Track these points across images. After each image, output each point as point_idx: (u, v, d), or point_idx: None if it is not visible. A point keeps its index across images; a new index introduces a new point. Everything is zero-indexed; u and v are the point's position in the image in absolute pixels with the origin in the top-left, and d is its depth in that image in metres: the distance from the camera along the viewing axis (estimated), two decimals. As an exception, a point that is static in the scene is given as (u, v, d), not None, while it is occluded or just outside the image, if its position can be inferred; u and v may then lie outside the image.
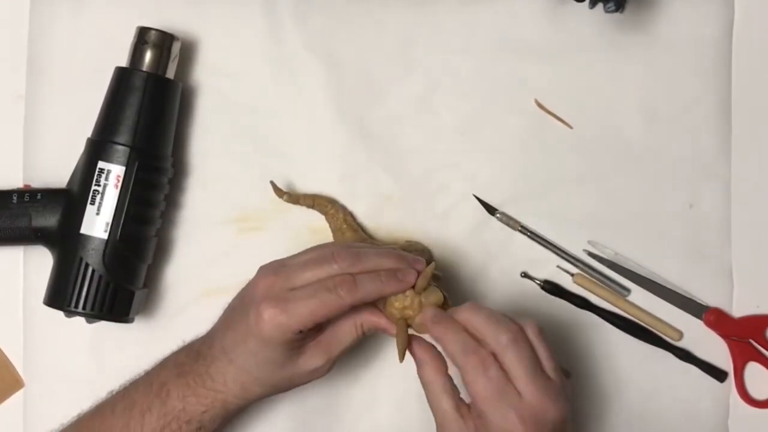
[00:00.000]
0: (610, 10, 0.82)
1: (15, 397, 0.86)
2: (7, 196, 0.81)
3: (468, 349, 0.70)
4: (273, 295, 0.72)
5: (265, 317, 0.71)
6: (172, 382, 0.76)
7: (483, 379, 0.69)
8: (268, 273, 0.74)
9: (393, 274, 0.74)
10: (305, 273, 0.73)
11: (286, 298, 0.72)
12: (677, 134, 0.89)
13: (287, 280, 0.73)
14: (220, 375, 0.75)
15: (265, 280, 0.74)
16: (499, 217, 0.87)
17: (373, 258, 0.75)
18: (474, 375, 0.70)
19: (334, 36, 0.88)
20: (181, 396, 0.75)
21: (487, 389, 0.69)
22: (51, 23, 0.87)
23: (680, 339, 0.88)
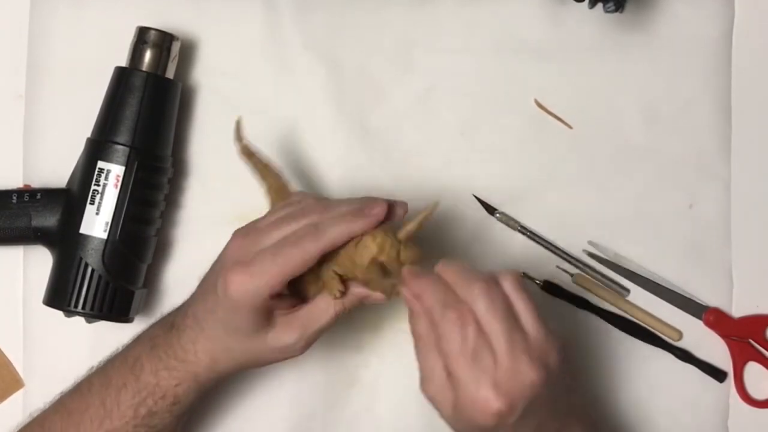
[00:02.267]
0: (610, 10, 0.82)
1: (15, 397, 0.86)
2: (7, 196, 0.81)
3: (447, 303, 0.65)
4: (240, 258, 0.70)
5: (231, 283, 0.69)
6: (145, 356, 0.75)
7: (458, 338, 0.64)
8: (238, 237, 0.72)
9: (359, 210, 0.70)
10: (274, 232, 0.70)
11: (252, 260, 0.69)
12: (677, 134, 0.89)
13: (255, 242, 0.70)
14: (191, 345, 0.73)
15: (234, 243, 0.72)
16: (499, 216, 0.87)
17: (343, 204, 0.71)
18: (450, 332, 0.64)
19: (334, 36, 0.88)
20: (154, 370, 0.74)
21: (462, 349, 0.64)
22: (51, 23, 0.87)
23: (680, 339, 0.88)
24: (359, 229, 0.69)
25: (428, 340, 0.66)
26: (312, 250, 0.68)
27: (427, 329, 0.67)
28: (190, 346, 0.74)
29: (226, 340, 0.73)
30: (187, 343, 0.74)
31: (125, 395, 0.74)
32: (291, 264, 0.68)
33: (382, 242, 0.69)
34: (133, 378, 0.75)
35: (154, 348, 0.75)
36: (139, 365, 0.75)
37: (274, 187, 0.79)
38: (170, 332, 0.75)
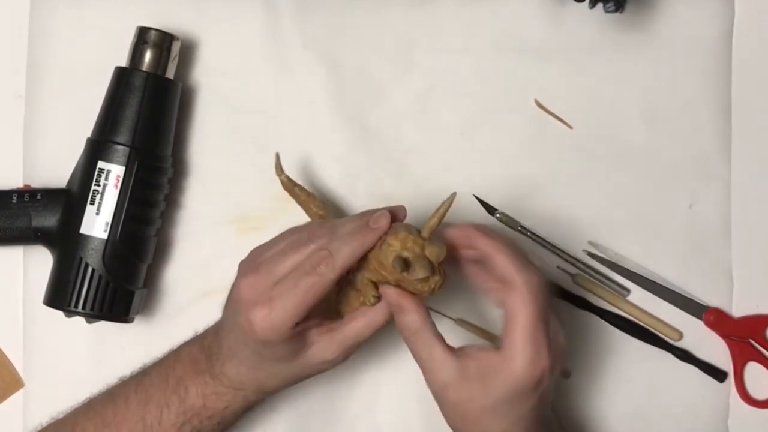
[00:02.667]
0: (610, 10, 0.82)
1: (15, 397, 0.86)
2: (7, 196, 0.81)
3: (528, 267, 0.70)
4: (258, 296, 0.70)
5: (255, 322, 0.70)
6: (189, 379, 0.75)
7: (536, 303, 0.69)
8: (249, 272, 0.72)
9: (364, 225, 0.71)
10: (285, 262, 0.71)
11: (271, 296, 0.70)
12: (677, 134, 0.89)
13: (269, 275, 0.71)
14: (235, 374, 0.75)
15: (246, 280, 0.72)
16: (499, 217, 0.87)
17: (347, 224, 0.72)
18: (530, 296, 0.69)
19: (334, 36, 0.88)
20: (200, 393, 0.75)
21: (536, 315, 0.68)
22: (51, 23, 0.87)
23: (680, 339, 0.88)
24: (369, 242, 0.71)
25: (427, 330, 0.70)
26: (329, 275, 0.69)
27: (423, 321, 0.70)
28: (235, 376, 0.75)
29: (268, 367, 0.74)
30: (231, 373, 0.75)
31: (167, 414, 0.75)
32: (311, 294, 0.69)
33: (405, 239, 0.70)
34: (177, 399, 0.75)
35: (198, 373, 0.76)
36: (183, 387, 0.75)
37: (318, 216, 0.80)
38: (210, 359, 0.76)
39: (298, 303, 0.69)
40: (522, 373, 0.68)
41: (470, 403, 0.70)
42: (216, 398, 0.75)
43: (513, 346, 0.68)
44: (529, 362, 0.68)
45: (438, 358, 0.70)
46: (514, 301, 0.69)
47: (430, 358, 0.71)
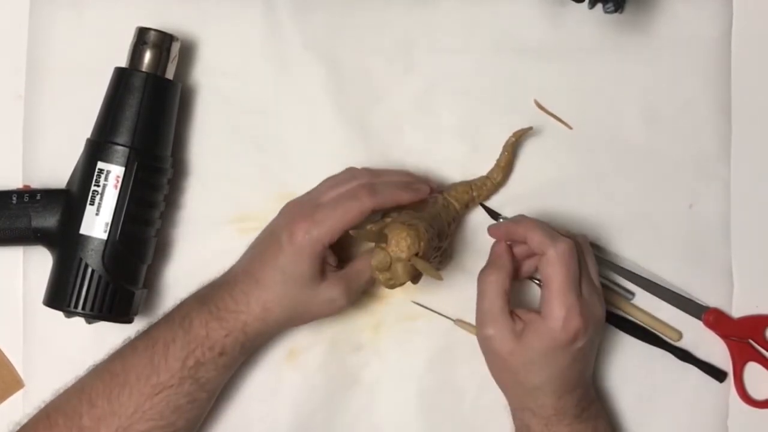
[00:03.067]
0: (610, 11, 0.82)
1: (15, 398, 0.86)
2: (7, 197, 0.81)
3: (556, 237, 0.77)
4: (301, 213, 0.78)
5: (298, 230, 0.77)
6: (194, 312, 0.79)
7: (565, 268, 0.76)
8: (294, 201, 0.82)
9: (408, 183, 0.82)
10: (330, 192, 0.80)
11: (314, 212, 0.78)
12: (677, 134, 0.89)
13: (313, 200, 0.80)
14: (243, 296, 0.79)
15: (293, 205, 0.82)
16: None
17: (390, 173, 0.83)
18: (559, 262, 0.76)
19: (334, 36, 0.88)
20: (204, 322, 0.78)
21: (566, 279, 0.76)
22: (51, 23, 0.87)
23: (680, 339, 0.88)
24: (406, 199, 0.80)
25: (502, 285, 0.79)
26: (368, 203, 0.78)
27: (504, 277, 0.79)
28: (241, 297, 0.79)
29: (283, 288, 0.78)
30: (239, 295, 0.79)
31: (173, 349, 0.78)
32: (350, 215, 0.77)
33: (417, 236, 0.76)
34: (182, 332, 0.78)
35: (203, 304, 0.79)
36: (188, 321, 0.79)
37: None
38: (220, 288, 0.80)
39: (336, 222, 0.77)
40: (556, 330, 0.75)
41: (511, 356, 0.77)
42: (218, 325, 0.78)
43: (548, 307, 0.76)
44: (562, 321, 0.75)
45: (498, 309, 0.78)
46: (546, 268, 0.76)
47: (492, 307, 0.78)
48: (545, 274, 0.77)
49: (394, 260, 0.75)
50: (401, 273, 0.76)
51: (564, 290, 0.76)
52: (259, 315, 0.78)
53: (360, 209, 0.77)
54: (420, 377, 0.86)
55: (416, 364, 0.87)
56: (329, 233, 0.77)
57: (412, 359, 0.87)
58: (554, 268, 0.76)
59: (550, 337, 0.76)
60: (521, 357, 0.77)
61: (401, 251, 0.75)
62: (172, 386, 0.77)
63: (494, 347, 0.78)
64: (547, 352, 0.76)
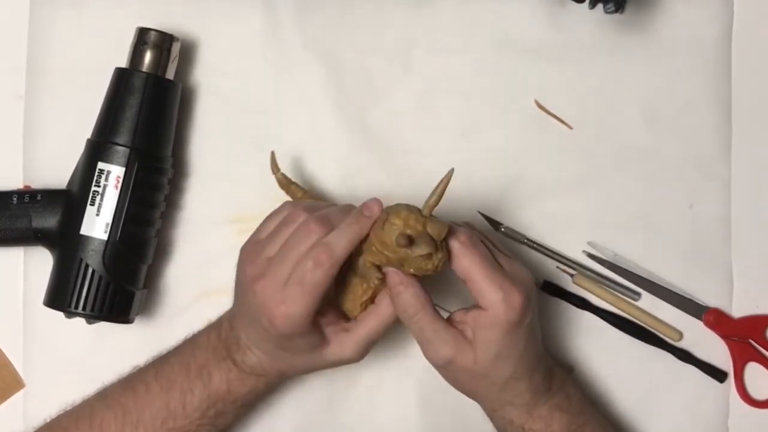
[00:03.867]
0: (610, 11, 0.82)
1: (15, 398, 0.86)
2: (7, 197, 0.81)
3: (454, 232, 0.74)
4: (272, 298, 0.73)
5: (276, 321, 0.72)
6: (213, 366, 0.77)
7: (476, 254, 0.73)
8: (257, 275, 0.74)
9: (358, 214, 0.74)
10: (287, 260, 0.73)
11: (284, 297, 0.72)
12: (677, 134, 0.89)
13: (276, 277, 0.73)
14: (257, 363, 0.77)
15: (256, 285, 0.74)
16: (504, 231, 0.87)
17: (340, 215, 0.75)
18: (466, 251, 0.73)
19: (334, 36, 0.88)
20: (224, 379, 0.77)
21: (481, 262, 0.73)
22: (51, 23, 0.87)
23: (680, 339, 0.88)
24: (365, 230, 0.73)
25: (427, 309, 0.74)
26: (331, 269, 0.72)
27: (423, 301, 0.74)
28: (257, 365, 0.77)
29: (289, 359, 0.76)
30: (253, 362, 0.77)
31: (191, 399, 0.77)
32: (318, 287, 0.72)
33: (407, 217, 0.72)
34: (201, 384, 0.77)
35: (221, 360, 0.78)
36: (207, 373, 0.77)
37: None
38: (230, 348, 0.78)
39: (308, 298, 0.72)
40: (502, 314, 0.72)
41: (475, 364, 0.74)
42: (240, 383, 0.77)
43: (483, 296, 0.73)
44: (503, 302, 0.72)
45: (440, 334, 0.74)
46: (460, 261, 0.73)
47: (433, 336, 0.74)
48: (462, 267, 0.73)
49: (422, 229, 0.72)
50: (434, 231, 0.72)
51: (488, 273, 0.73)
52: (279, 375, 0.78)
53: (325, 277, 0.72)
54: (420, 377, 0.86)
55: (416, 364, 0.86)
56: (308, 309, 0.72)
57: (411, 360, 0.87)
58: (467, 256, 0.73)
59: (500, 323, 0.73)
60: (485, 358, 0.74)
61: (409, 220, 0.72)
62: (189, 430, 0.78)
63: (456, 366, 0.75)
64: (505, 338, 0.73)
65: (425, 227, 0.72)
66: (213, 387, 0.77)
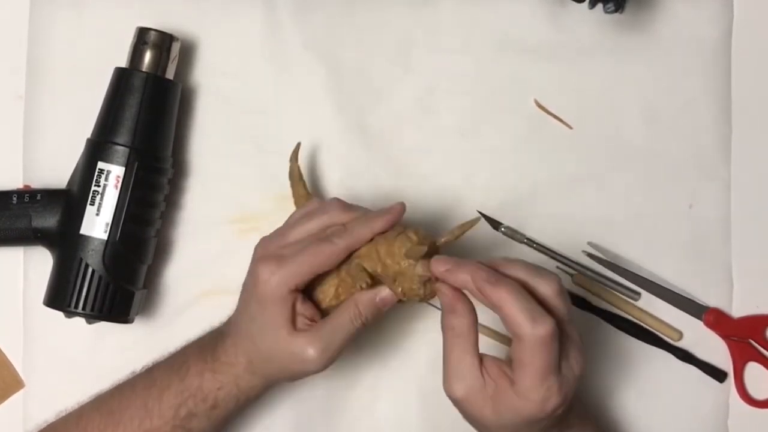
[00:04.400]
0: (610, 11, 0.82)
1: (15, 398, 0.86)
2: (7, 197, 0.81)
3: (536, 318, 0.65)
4: (268, 252, 0.74)
5: (261, 273, 0.72)
6: (192, 359, 0.77)
7: (546, 354, 0.66)
8: (264, 239, 0.76)
9: (379, 213, 0.74)
10: (297, 228, 0.75)
11: (281, 254, 0.73)
12: (677, 134, 0.89)
13: (281, 238, 0.75)
14: (232, 348, 0.76)
15: (260, 244, 0.76)
16: (504, 231, 0.87)
17: (360, 207, 0.76)
18: (539, 348, 0.65)
19: (334, 36, 0.88)
20: (199, 372, 0.76)
21: (547, 365, 0.66)
22: (51, 23, 0.87)
23: (680, 339, 0.88)
24: (381, 227, 0.73)
25: (469, 338, 0.69)
26: (340, 245, 0.72)
27: (469, 328, 0.69)
28: (231, 349, 0.76)
29: (259, 338, 0.74)
30: (229, 347, 0.76)
31: (168, 396, 0.76)
32: (319, 258, 0.72)
33: (425, 237, 0.72)
34: (178, 379, 0.76)
35: (201, 352, 0.77)
36: (185, 367, 0.76)
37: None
38: (216, 337, 0.77)
39: (304, 263, 0.72)
40: (532, 411, 0.67)
41: (481, 417, 0.70)
42: (211, 377, 0.75)
43: (524, 388, 0.67)
44: (539, 403, 0.67)
45: (467, 366, 0.69)
46: (521, 352, 0.67)
47: (459, 364, 0.69)
48: (520, 358, 0.67)
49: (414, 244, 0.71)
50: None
51: (543, 375, 0.66)
52: (246, 367, 0.75)
53: (330, 252, 0.72)
54: (421, 378, 0.86)
55: (417, 365, 0.86)
56: (296, 275, 0.72)
57: (412, 360, 0.87)
58: (533, 353, 0.66)
59: (525, 414, 0.67)
60: (493, 420, 0.69)
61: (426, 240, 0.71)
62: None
63: (464, 407, 0.70)
64: (521, 424, 0.68)
65: (437, 253, 0.72)
66: (188, 381, 0.76)
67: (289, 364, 0.74)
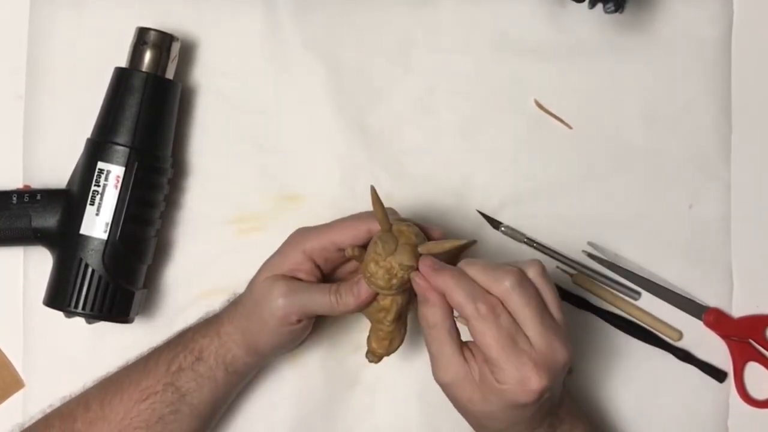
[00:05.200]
0: (610, 11, 0.82)
1: (15, 398, 0.86)
2: (7, 197, 0.81)
3: (477, 297, 0.68)
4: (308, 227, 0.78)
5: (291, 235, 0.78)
6: (195, 325, 0.81)
7: (494, 328, 0.67)
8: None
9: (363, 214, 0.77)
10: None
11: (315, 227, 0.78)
12: (677, 134, 0.89)
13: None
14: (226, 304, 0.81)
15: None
16: (504, 230, 0.87)
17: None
18: (484, 324, 0.67)
19: (334, 36, 0.88)
20: (195, 328, 0.80)
21: (499, 339, 0.67)
22: (51, 23, 0.87)
23: (680, 339, 0.88)
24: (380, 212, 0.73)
25: (443, 327, 0.70)
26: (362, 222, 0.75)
27: (442, 317, 0.70)
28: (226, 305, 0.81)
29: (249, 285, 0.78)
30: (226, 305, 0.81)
31: (166, 352, 0.79)
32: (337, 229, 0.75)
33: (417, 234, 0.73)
34: (178, 336, 0.80)
35: (205, 317, 0.82)
36: (188, 327, 0.81)
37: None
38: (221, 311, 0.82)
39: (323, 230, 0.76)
40: (515, 393, 0.68)
41: (469, 403, 0.71)
42: (201, 328, 0.79)
43: (498, 372, 0.68)
44: (518, 386, 0.67)
45: (447, 355, 0.70)
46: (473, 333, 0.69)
47: (439, 354, 0.71)
48: (475, 340, 0.69)
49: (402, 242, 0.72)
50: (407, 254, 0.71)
51: (504, 351, 0.67)
52: (230, 312, 0.79)
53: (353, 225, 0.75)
54: (420, 377, 0.86)
55: (416, 365, 0.86)
56: (313, 237, 0.76)
57: (412, 359, 0.87)
58: (480, 330, 0.68)
59: (509, 398, 0.68)
60: (481, 407, 0.70)
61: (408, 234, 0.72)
62: (156, 393, 0.77)
63: (452, 393, 0.71)
64: (508, 409, 0.69)
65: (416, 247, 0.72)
66: (183, 337, 0.79)
67: (257, 300, 0.76)
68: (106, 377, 0.81)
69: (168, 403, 0.77)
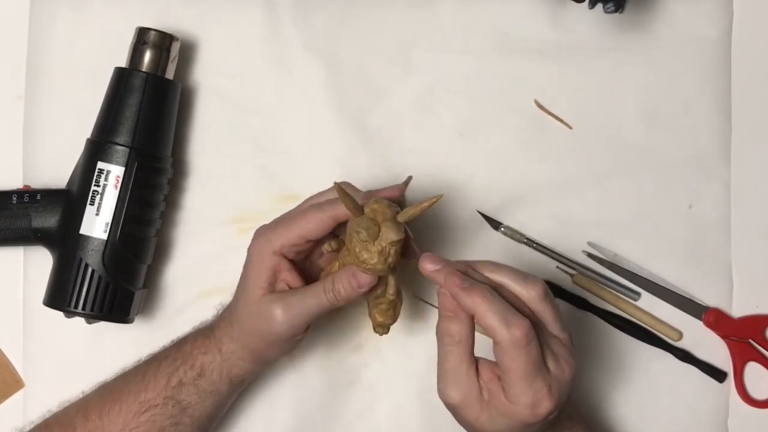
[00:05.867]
0: (610, 11, 0.82)
1: (15, 398, 0.86)
2: (7, 197, 0.81)
3: (510, 321, 0.66)
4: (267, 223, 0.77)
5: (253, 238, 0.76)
6: (192, 334, 0.80)
7: (524, 355, 0.66)
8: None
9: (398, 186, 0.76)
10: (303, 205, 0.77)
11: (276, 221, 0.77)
12: (677, 134, 0.89)
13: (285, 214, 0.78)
14: (221, 316, 0.79)
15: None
16: (504, 231, 0.87)
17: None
18: (516, 352, 0.66)
19: (334, 36, 0.88)
20: (193, 339, 0.79)
21: (527, 366, 0.66)
22: (51, 23, 0.87)
23: (680, 339, 0.88)
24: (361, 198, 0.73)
25: (467, 344, 0.69)
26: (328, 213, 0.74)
27: (467, 335, 0.69)
28: (220, 318, 0.79)
29: (240, 300, 0.76)
30: (219, 315, 0.80)
31: (164, 366, 0.78)
32: (304, 222, 0.74)
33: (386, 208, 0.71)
34: (175, 349, 0.79)
35: (200, 327, 0.81)
36: (183, 339, 0.80)
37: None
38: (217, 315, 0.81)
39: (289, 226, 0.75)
40: (524, 415, 0.67)
41: (477, 422, 0.69)
42: (201, 343, 0.78)
43: (512, 393, 0.67)
44: (530, 408, 0.67)
45: (463, 373, 0.69)
46: (501, 356, 0.67)
47: (455, 371, 0.69)
48: (501, 362, 0.67)
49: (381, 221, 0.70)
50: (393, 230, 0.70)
51: (527, 378, 0.66)
52: (228, 331, 0.77)
53: (317, 217, 0.73)
54: (420, 377, 0.86)
55: (416, 364, 0.86)
56: (281, 236, 0.74)
57: (412, 359, 0.87)
58: (511, 356, 0.66)
59: (518, 419, 0.68)
60: (488, 426, 0.69)
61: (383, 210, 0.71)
62: (157, 405, 0.77)
63: (458, 412, 0.70)
64: (515, 428, 0.69)
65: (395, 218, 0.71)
66: (182, 349, 0.78)
67: (258, 323, 0.75)
68: (104, 384, 0.81)
69: (169, 416, 0.77)
